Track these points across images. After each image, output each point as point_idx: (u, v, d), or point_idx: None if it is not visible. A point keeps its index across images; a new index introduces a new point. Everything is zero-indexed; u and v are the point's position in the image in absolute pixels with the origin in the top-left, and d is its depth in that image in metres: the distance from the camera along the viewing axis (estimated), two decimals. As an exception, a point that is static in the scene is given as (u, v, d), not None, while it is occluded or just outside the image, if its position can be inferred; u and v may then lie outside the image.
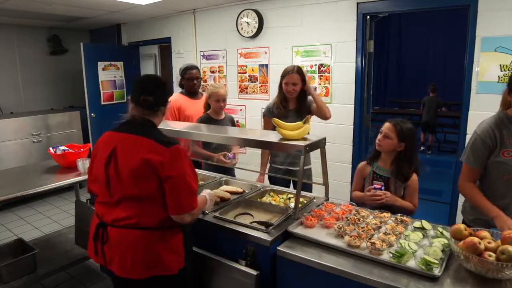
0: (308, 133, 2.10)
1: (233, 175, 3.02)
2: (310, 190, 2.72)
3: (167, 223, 1.60)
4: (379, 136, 2.13)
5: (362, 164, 2.29)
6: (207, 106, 2.98)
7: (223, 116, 2.99)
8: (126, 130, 1.63)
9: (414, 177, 2.11)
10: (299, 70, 2.69)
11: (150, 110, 1.64)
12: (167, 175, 1.51)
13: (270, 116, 2.77)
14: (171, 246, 1.61)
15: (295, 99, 2.77)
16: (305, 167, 2.80)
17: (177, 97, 3.32)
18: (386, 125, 2.11)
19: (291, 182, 2.81)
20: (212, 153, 2.87)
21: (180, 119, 3.22)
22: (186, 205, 1.56)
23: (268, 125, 2.81)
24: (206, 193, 1.92)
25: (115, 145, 1.60)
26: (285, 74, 2.72)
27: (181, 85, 3.39)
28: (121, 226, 1.56)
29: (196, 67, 3.34)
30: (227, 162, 2.80)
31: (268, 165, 2.91)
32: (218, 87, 2.87)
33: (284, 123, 2.12)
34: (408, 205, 2.08)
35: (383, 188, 2.07)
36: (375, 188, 2.07)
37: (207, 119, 2.92)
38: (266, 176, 2.92)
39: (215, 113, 2.95)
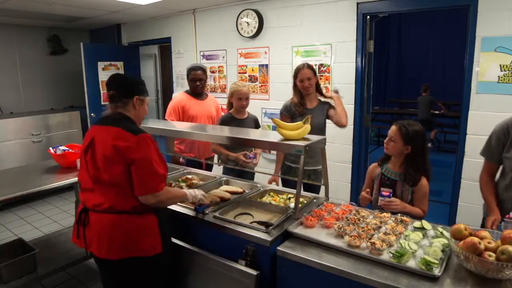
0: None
1: (251, 178, 2.98)
2: (318, 192, 2.69)
3: (140, 208, 1.71)
4: (386, 139, 2.11)
5: (372, 165, 2.27)
6: (230, 105, 2.96)
7: (246, 115, 2.96)
8: (103, 122, 1.80)
9: (424, 181, 2.05)
10: (309, 65, 2.76)
11: (118, 103, 1.80)
12: (132, 158, 1.64)
13: (287, 115, 2.79)
14: (145, 229, 1.72)
15: (312, 98, 2.81)
16: (316, 167, 2.79)
17: (181, 96, 3.30)
18: (392, 128, 2.08)
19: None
20: (231, 152, 2.83)
21: (184, 119, 3.21)
22: (150, 186, 1.68)
23: None
24: (189, 190, 2.01)
25: (93, 136, 1.76)
26: (297, 71, 2.76)
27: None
28: (99, 210, 1.69)
29: (201, 68, 3.27)
30: (247, 161, 2.77)
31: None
32: (240, 86, 2.86)
33: (284, 123, 2.12)
34: (416, 211, 2.02)
35: (391, 195, 2.02)
36: (382, 195, 2.02)
37: (229, 118, 2.89)
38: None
39: (237, 112, 2.91)
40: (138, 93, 1.83)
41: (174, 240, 1.98)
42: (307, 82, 2.72)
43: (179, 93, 3.45)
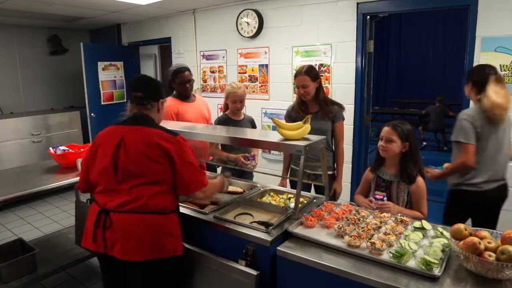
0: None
1: (250, 179, 2.95)
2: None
3: (170, 208, 1.73)
4: (381, 143, 2.08)
5: (366, 171, 2.28)
6: (226, 106, 2.91)
7: (242, 116, 2.92)
8: (131, 123, 1.77)
9: (421, 182, 2.03)
10: (308, 70, 2.57)
11: (143, 106, 1.79)
12: (180, 158, 1.69)
13: (289, 120, 2.71)
14: (171, 230, 1.74)
15: (314, 102, 2.65)
16: (329, 173, 2.65)
17: (171, 102, 3.04)
18: (386, 130, 2.07)
19: (312, 186, 2.75)
20: (230, 154, 2.79)
21: None
22: (199, 182, 1.77)
23: None
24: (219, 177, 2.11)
25: (122, 135, 1.71)
26: (295, 77, 2.64)
27: (171, 88, 3.05)
28: (125, 211, 1.65)
29: (187, 69, 3.00)
30: (247, 163, 2.73)
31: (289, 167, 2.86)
32: (236, 88, 2.77)
33: (284, 122, 2.12)
34: (415, 214, 1.99)
35: (385, 198, 2.01)
36: (376, 199, 2.02)
37: (226, 120, 2.85)
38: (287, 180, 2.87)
39: (233, 113, 2.87)
40: (163, 97, 1.85)
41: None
42: (302, 90, 2.57)
43: (168, 99, 3.21)
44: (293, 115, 2.70)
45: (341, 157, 2.76)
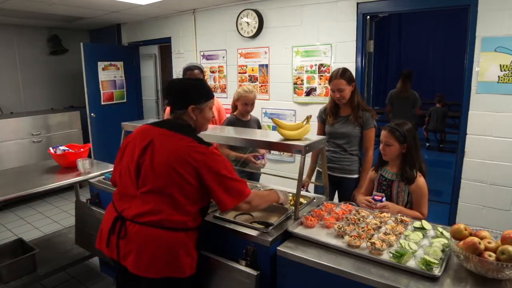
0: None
1: (257, 179, 2.96)
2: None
3: (191, 224, 1.63)
4: (381, 146, 2.12)
5: (370, 171, 2.30)
6: (235, 107, 2.98)
7: (249, 117, 3.01)
8: (166, 126, 1.69)
9: (421, 183, 2.03)
10: (343, 74, 2.52)
11: (175, 112, 1.71)
12: (210, 173, 1.56)
13: (320, 120, 2.72)
14: (188, 248, 1.63)
15: (348, 106, 2.60)
16: (346, 176, 2.64)
17: None
18: (383, 134, 2.09)
19: (336, 192, 2.74)
20: (240, 154, 2.82)
21: None
22: (240, 194, 1.64)
23: (319, 130, 2.76)
24: (278, 190, 1.99)
25: (152, 137, 1.63)
26: (330, 80, 2.58)
27: None
28: (142, 222, 1.55)
29: (197, 67, 3.13)
30: (257, 163, 2.76)
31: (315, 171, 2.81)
32: (247, 91, 2.84)
33: (284, 122, 2.12)
34: (414, 214, 1.98)
35: (383, 199, 2.02)
36: (375, 200, 2.03)
37: (235, 120, 2.93)
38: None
39: (241, 114, 2.95)
40: (194, 102, 1.67)
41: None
42: (338, 94, 2.51)
43: None
44: (323, 117, 2.71)
45: (367, 165, 2.61)
